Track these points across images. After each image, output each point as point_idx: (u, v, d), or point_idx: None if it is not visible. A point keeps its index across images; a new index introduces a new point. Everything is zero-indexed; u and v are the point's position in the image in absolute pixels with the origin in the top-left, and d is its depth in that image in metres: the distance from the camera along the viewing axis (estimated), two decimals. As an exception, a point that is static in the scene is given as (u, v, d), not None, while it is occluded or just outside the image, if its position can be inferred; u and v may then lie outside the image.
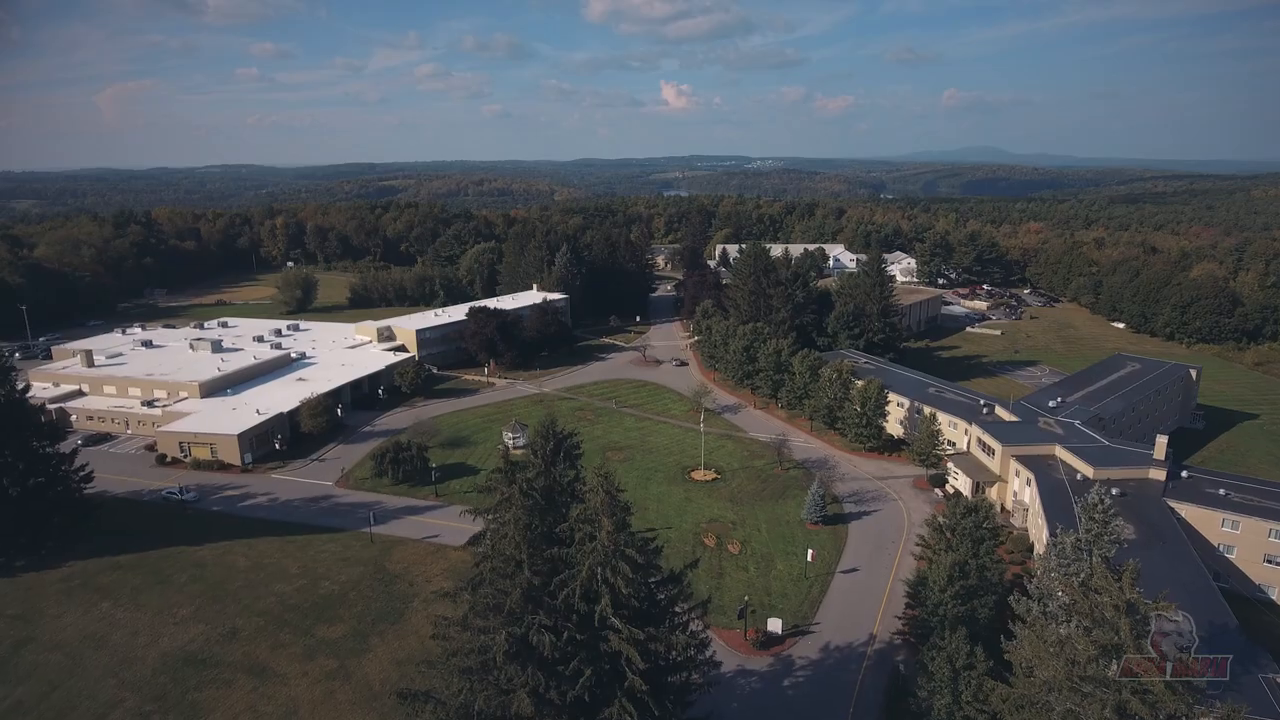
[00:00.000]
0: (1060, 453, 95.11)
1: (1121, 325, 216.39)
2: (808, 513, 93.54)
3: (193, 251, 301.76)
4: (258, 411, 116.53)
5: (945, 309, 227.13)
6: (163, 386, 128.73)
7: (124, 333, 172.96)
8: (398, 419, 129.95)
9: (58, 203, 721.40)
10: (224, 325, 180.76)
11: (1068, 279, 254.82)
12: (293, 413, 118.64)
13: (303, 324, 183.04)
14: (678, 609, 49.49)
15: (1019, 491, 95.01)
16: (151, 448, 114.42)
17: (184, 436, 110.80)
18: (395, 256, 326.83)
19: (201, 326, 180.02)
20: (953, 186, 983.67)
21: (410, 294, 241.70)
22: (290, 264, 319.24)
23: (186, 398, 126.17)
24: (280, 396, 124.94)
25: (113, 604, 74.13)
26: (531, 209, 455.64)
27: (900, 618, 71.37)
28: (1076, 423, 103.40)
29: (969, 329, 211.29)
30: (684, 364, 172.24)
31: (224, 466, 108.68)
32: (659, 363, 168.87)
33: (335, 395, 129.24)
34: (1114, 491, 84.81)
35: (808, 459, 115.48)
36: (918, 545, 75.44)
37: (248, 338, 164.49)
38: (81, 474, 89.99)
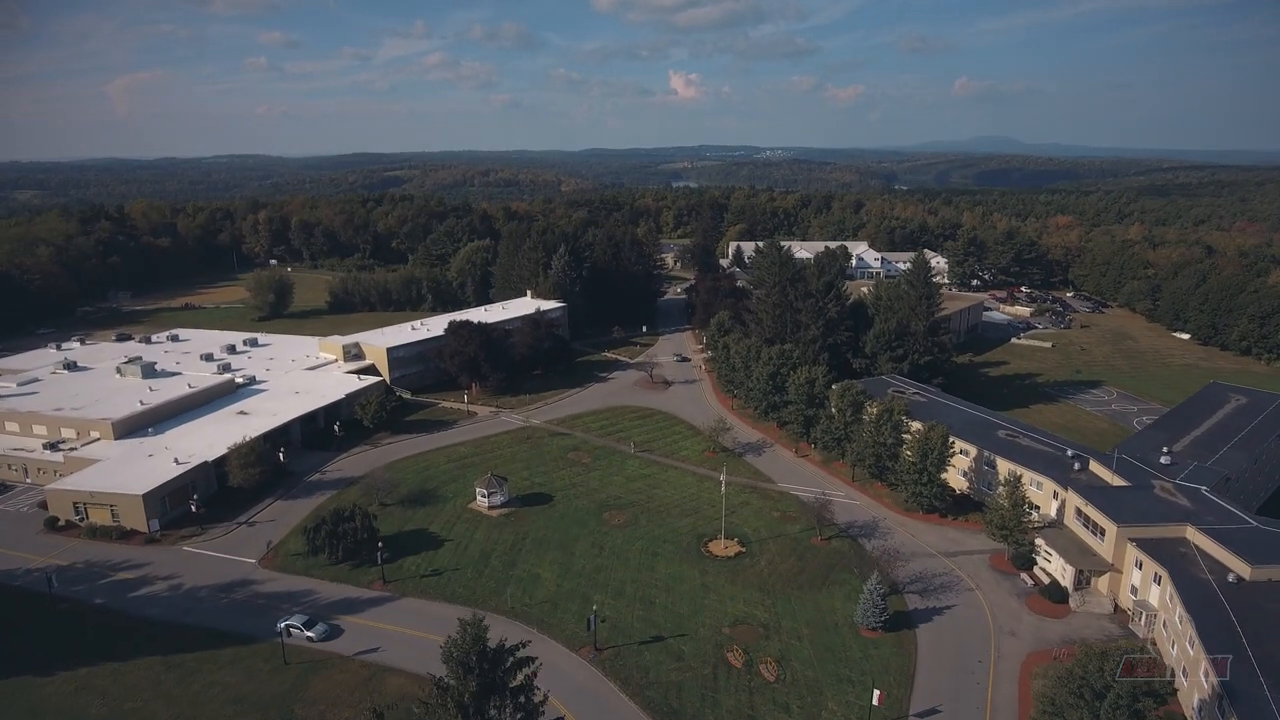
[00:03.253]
0: (1194, 536, 72.48)
1: (1186, 336, 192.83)
2: (863, 616, 71.46)
3: (167, 249, 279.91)
4: (176, 461, 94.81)
5: (985, 316, 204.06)
6: (71, 424, 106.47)
7: (59, 348, 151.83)
8: (355, 463, 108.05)
9: (60, 193, 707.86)
10: (173, 339, 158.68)
11: (1119, 282, 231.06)
12: (220, 460, 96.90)
13: (262, 338, 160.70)
14: None
15: (1140, 587, 72.52)
16: (45, 505, 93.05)
17: (79, 495, 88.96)
18: (386, 254, 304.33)
19: (149, 341, 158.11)
20: (965, 177, 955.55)
21: (395, 297, 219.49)
22: (274, 261, 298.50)
23: (98, 439, 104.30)
24: (212, 436, 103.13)
25: (-106, 786, 52.92)
26: (535, 202, 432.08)
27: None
28: (1204, 489, 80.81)
29: (1015, 340, 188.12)
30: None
31: (125, 535, 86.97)
32: (668, 384, 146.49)
33: (280, 434, 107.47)
34: (1288, 604, 62.72)
35: (852, 522, 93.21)
36: (1045, 712, 52.97)
37: (195, 356, 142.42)
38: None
